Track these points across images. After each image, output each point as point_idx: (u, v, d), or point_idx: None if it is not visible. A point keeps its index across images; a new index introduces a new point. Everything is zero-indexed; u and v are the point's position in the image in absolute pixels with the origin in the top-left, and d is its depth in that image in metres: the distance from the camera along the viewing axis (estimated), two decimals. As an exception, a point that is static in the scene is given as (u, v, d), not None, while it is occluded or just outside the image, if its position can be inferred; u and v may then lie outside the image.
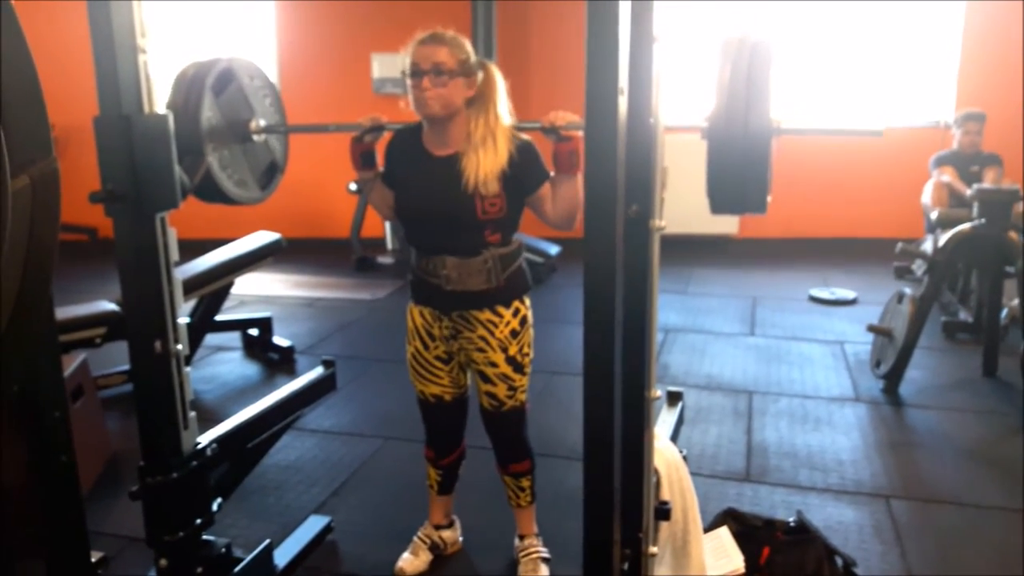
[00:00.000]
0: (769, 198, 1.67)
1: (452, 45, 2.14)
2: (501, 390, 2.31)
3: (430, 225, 2.24)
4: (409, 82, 2.14)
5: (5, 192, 1.10)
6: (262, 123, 2.37)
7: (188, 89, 2.16)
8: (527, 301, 2.33)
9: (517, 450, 2.42)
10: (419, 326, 2.35)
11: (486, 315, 2.25)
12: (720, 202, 1.66)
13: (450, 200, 2.16)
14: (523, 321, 2.30)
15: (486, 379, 2.31)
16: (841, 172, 6.79)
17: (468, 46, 2.18)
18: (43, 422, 1.59)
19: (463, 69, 2.13)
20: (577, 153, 2.07)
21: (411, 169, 2.26)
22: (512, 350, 2.28)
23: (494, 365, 2.28)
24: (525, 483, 2.45)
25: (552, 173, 2.18)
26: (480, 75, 2.19)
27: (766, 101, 1.60)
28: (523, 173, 2.17)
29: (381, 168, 2.34)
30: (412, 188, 2.26)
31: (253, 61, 2.41)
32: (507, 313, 2.26)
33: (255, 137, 2.36)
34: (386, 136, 2.34)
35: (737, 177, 1.62)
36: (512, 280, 2.25)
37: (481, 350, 2.28)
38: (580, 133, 2.03)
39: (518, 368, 2.30)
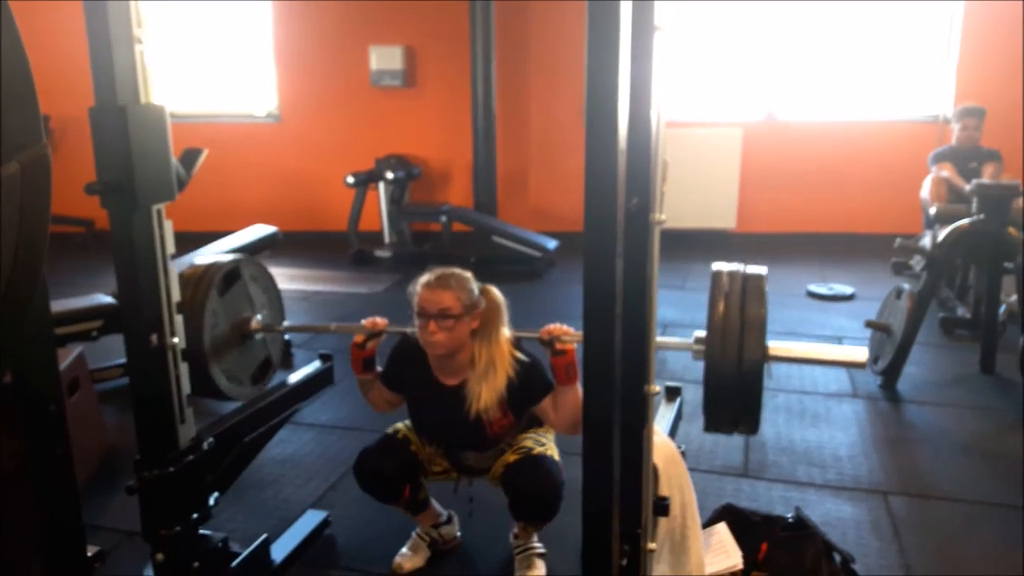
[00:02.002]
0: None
1: (457, 288, 2.18)
2: (528, 442, 2.34)
3: (447, 437, 2.39)
4: (416, 321, 2.21)
5: None
6: (259, 318, 2.44)
7: (195, 287, 2.22)
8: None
9: (552, 509, 2.27)
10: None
11: None
12: (716, 424, 1.83)
13: (463, 427, 2.27)
14: (546, 430, 2.43)
15: (510, 449, 2.35)
16: (839, 167, 6.78)
17: (470, 282, 2.23)
18: (39, 415, 1.58)
19: (468, 309, 2.18)
20: (573, 366, 2.16)
21: (422, 395, 2.36)
22: (533, 433, 2.39)
23: (510, 446, 2.36)
24: (532, 529, 2.44)
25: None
26: (482, 302, 2.23)
27: (760, 331, 1.71)
28: (525, 394, 2.26)
29: (379, 369, 2.42)
30: (426, 413, 2.38)
31: (259, 262, 2.52)
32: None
33: (255, 335, 2.43)
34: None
35: (733, 404, 1.76)
36: (527, 426, 2.39)
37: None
38: (574, 346, 2.14)
39: (539, 441, 2.35)
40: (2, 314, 1.18)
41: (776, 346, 1.76)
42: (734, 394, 1.72)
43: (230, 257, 2.36)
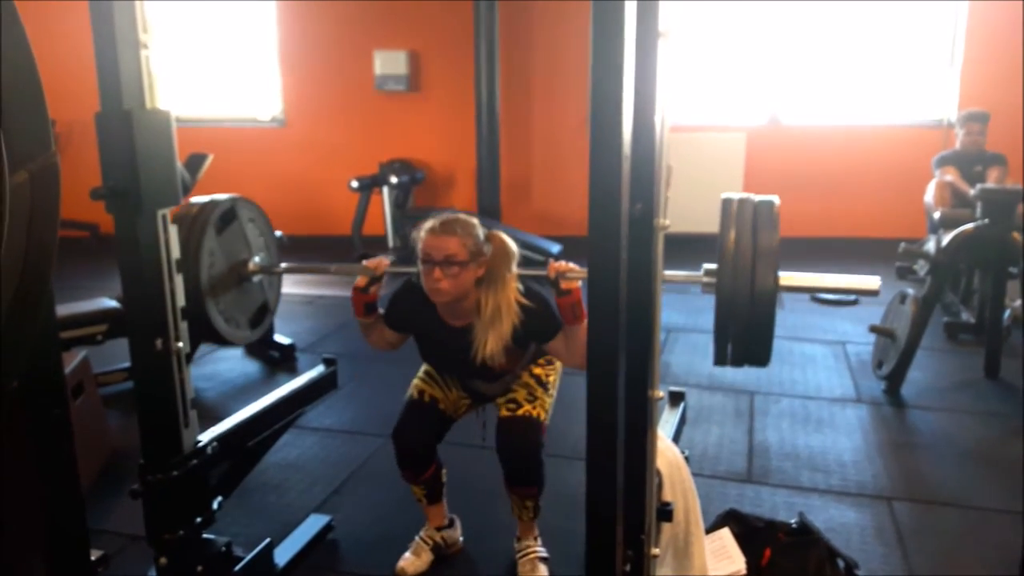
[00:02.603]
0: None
1: (463, 234, 2.16)
2: (520, 394, 2.37)
3: (455, 372, 2.43)
4: (421, 267, 2.19)
5: (4, 187, 1.09)
6: (257, 260, 2.41)
7: (191, 227, 2.20)
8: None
9: (530, 470, 2.35)
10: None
11: None
12: (725, 356, 1.74)
13: (471, 366, 2.28)
14: (550, 360, 2.46)
15: (507, 390, 2.40)
16: (843, 171, 6.78)
17: (476, 228, 2.20)
18: (44, 419, 1.58)
19: (473, 256, 2.16)
20: (579, 305, 2.14)
21: (429, 335, 2.37)
22: (537, 370, 2.42)
23: (517, 377, 2.40)
24: (530, 503, 2.44)
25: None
26: (488, 249, 2.21)
27: (771, 261, 1.66)
28: (526, 340, 2.27)
29: (381, 311, 2.42)
30: (434, 350, 2.41)
31: (252, 201, 2.47)
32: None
33: (252, 277, 2.40)
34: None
35: (744, 335, 1.68)
36: (534, 357, 2.42)
37: None
38: (579, 284, 2.11)
39: (540, 383, 2.40)
40: (12, 321, 1.18)
41: (788, 275, 1.72)
42: (745, 325, 1.66)
43: (226, 196, 2.33)
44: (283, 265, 2.54)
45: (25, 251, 1.18)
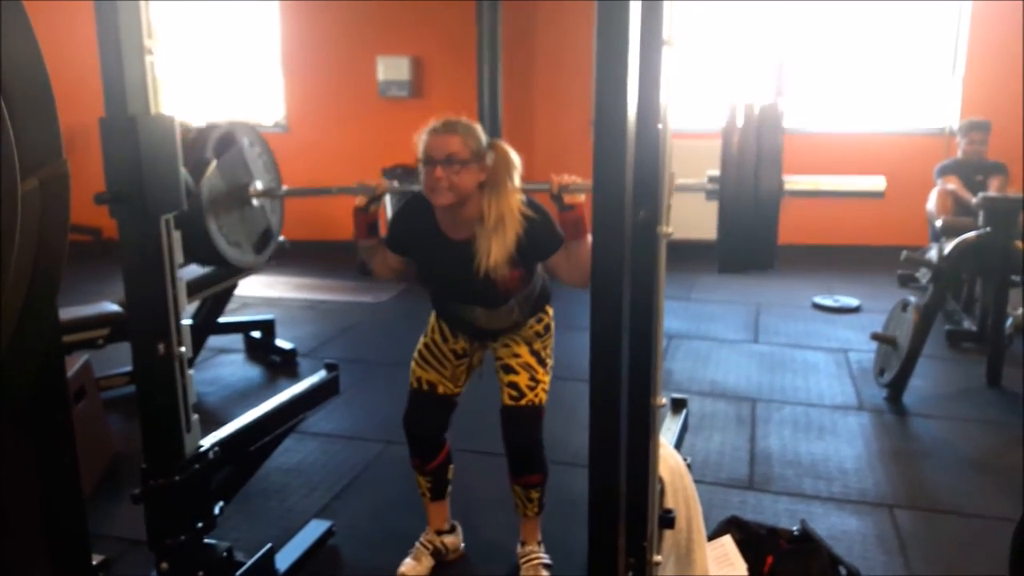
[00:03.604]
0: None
1: (465, 134, 2.14)
2: (523, 379, 2.36)
3: (456, 294, 2.35)
4: (422, 169, 2.16)
5: (15, 194, 1.10)
6: (259, 186, 2.40)
7: (190, 151, 2.18)
8: (550, 311, 2.45)
9: (533, 458, 2.40)
10: (443, 326, 2.45)
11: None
12: (730, 263, 1.71)
13: (472, 283, 2.23)
14: (547, 328, 2.44)
15: (509, 370, 2.37)
16: (845, 179, 6.78)
17: (480, 131, 2.20)
18: (46, 423, 1.58)
19: (475, 157, 2.14)
20: (582, 220, 2.13)
21: (429, 251, 2.31)
22: (536, 345, 2.40)
23: (517, 356, 2.38)
24: (534, 495, 2.44)
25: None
26: (490, 156, 2.19)
27: (776, 164, 1.64)
28: (531, 251, 2.22)
29: (383, 234, 2.38)
30: (433, 268, 2.35)
31: (252, 126, 2.45)
32: (531, 320, 2.40)
33: (253, 202, 2.39)
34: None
35: (747, 239, 1.67)
36: (536, 303, 2.40)
37: (506, 345, 2.40)
38: (582, 197, 2.09)
39: (541, 361, 2.39)
40: (23, 326, 1.18)
41: (791, 179, 1.69)
42: (749, 229, 1.65)
43: (226, 120, 2.33)
44: (284, 188, 2.52)
45: (35, 257, 1.18)
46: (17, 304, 1.16)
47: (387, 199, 6.90)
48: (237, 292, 4.46)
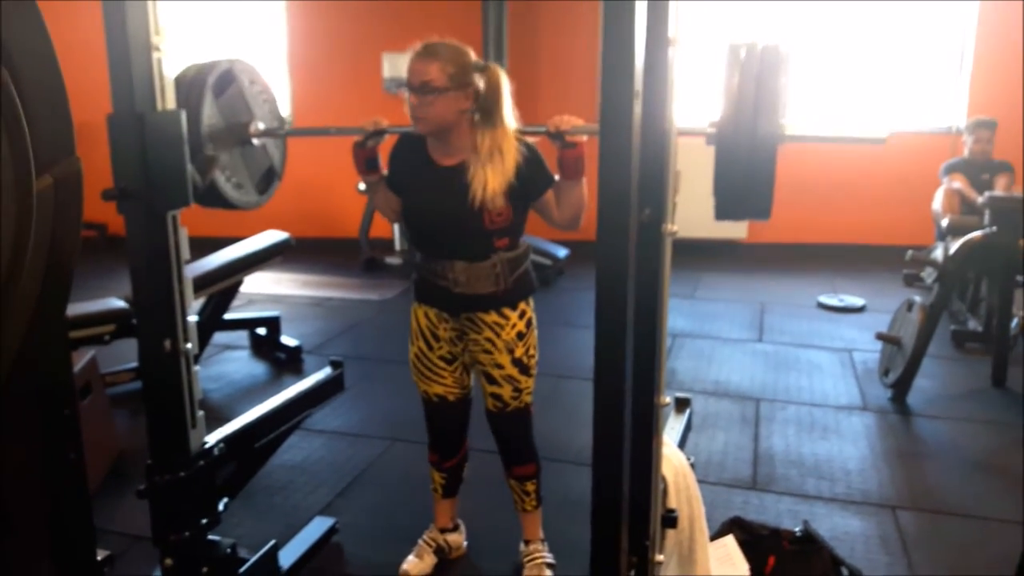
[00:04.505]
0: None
1: (444, 59, 2.07)
2: (506, 391, 2.32)
3: (439, 233, 2.24)
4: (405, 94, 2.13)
5: (31, 192, 1.10)
6: (261, 126, 2.36)
7: (189, 89, 2.15)
8: (532, 303, 2.34)
9: (522, 453, 2.42)
10: (424, 327, 2.36)
11: (492, 317, 2.26)
12: (726, 208, 1.64)
13: (458, 211, 2.16)
14: (529, 323, 2.31)
15: (491, 380, 2.32)
16: (851, 178, 6.77)
17: (464, 55, 2.11)
18: (52, 419, 1.59)
19: (456, 83, 2.07)
20: (583, 159, 2.08)
21: (417, 178, 2.25)
22: (518, 352, 2.29)
23: (500, 367, 2.29)
24: (530, 487, 2.45)
25: (557, 177, 2.18)
26: (482, 82, 2.12)
27: (775, 108, 1.58)
28: (529, 182, 2.17)
29: (385, 171, 2.33)
30: (419, 197, 2.25)
31: (253, 64, 2.39)
32: (513, 315, 2.27)
33: (254, 141, 2.35)
34: (389, 139, 2.32)
35: (744, 184, 1.61)
36: (519, 282, 2.26)
37: (487, 352, 2.29)
38: (585, 138, 2.04)
39: (524, 370, 2.31)
40: (36, 323, 1.19)
41: (792, 125, 1.64)
42: (745, 174, 1.60)
43: (225, 58, 2.26)
44: (287, 127, 2.49)
45: (48, 255, 1.18)
46: (30, 302, 1.17)
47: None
48: (243, 289, 4.48)
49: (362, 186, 6.49)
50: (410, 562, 2.49)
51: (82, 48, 3.90)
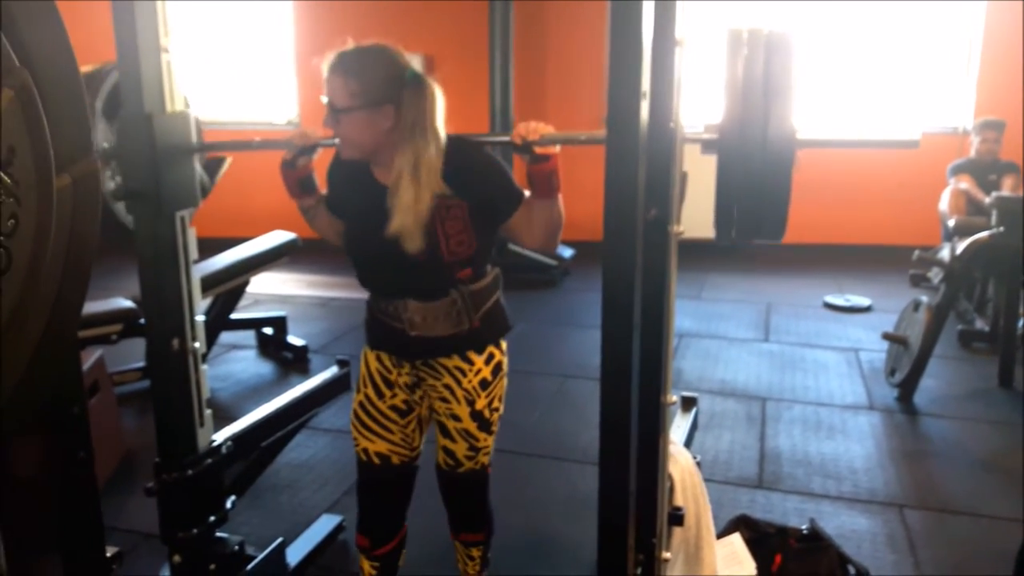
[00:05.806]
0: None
1: (351, 73, 1.75)
2: (460, 448, 1.99)
3: (386, 266, 1.85)
4: None
5: (52, 191, 1.11)
6: None
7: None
8: (504, 346, 1.99)
9: (473, 519, 2.11)
10: (374, 371, 1.99)
11: (455, 362, 1.91)
12: (730, 229, 1.46)
13: (397, 254, 1.78)
14: (496, 370, 1.96)
15: (446, 433, 1.99)
16: (857, 178, 6.76)
17: (378, 68, 1.78)
18: (62, 418, 1.60)
19: (365, 101, 1.74)
20: (557, 174, 1.77)
21: (358, 198, 1.89)
22: (480, 403, 1.94)
23: (456, 419, 1.95)
24: (476, 553, 2.15)
25: (526, 193, 1.84)
26: (412, 93, 1.78)
27: (788, 106, 1.36)
28: (488, 209, 1.83)
29: (324, 192, 2.01)
30: (361, 222, 1.88)
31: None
32: (479, 360, 1.92)
33: None
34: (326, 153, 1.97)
35: (755, 199, 1.39)
36: (487, 320, 1.91)
37: (444, 400, 1.95)
38: (558, 148, 1.76)
39: (484, 426, 1.96)
40: (54, 320, 1.20)
41: (807, 128, 1.41)
42: (755, 185, 1.36)
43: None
44: (201, 142, 2.11)
45: (66, 254, 1.19)
46: (49, 300, 1.17)
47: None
48: (249, 289, 4.49)
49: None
50: None
51: (93, 49, 3.92)
